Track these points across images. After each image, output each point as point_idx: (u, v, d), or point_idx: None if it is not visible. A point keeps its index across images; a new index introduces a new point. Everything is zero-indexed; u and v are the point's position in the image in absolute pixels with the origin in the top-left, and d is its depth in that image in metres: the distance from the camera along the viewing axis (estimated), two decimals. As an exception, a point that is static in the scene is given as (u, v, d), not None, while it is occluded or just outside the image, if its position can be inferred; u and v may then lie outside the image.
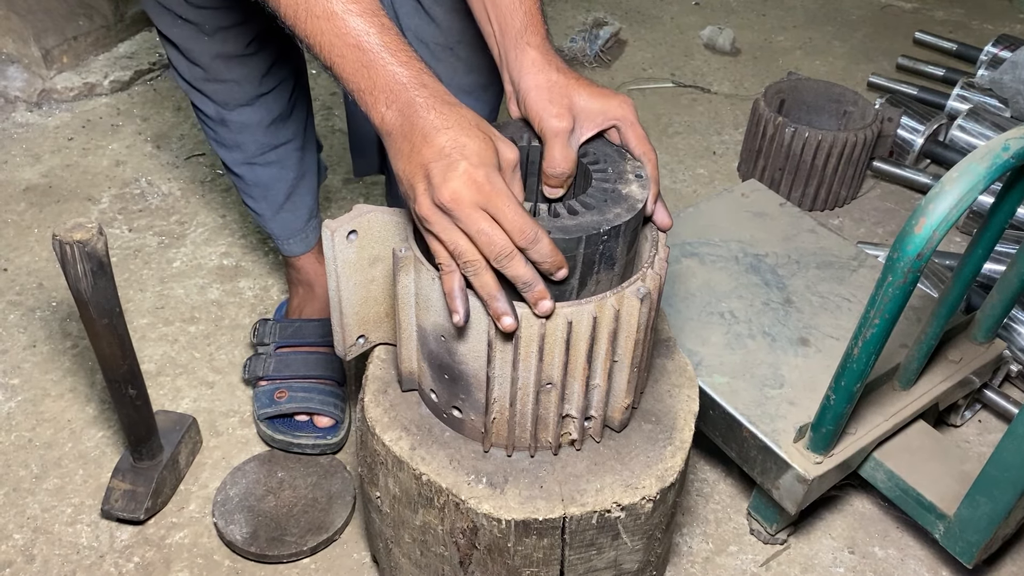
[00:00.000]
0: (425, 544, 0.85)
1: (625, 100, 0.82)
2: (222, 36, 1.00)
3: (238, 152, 1.14)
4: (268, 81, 1.08)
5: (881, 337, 0.87)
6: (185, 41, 1.01)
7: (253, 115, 1.10)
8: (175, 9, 0.98)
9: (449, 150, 0.69)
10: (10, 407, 1.24)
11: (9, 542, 1.08)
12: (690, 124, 1.91)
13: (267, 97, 1.09)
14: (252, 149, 1.13)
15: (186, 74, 1.06)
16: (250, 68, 1.05)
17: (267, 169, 1.16)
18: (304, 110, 1.17)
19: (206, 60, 1.03)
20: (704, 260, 1.26)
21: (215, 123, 1.11)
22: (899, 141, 1.74)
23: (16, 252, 1.49)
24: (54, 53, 1.85)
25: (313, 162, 1.22)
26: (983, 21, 2.38)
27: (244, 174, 1.16)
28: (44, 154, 1.71)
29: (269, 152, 1.14)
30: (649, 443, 0.84)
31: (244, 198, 1.21)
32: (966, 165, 0.80)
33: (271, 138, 1.13)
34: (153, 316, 1.38)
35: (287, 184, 1.18)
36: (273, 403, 1.17)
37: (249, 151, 1.14)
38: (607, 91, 0.82)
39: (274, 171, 1.16)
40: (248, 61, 1.04)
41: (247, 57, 1.04)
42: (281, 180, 1.18)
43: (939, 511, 1.02)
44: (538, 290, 0.71)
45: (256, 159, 1.14)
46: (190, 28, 1.00)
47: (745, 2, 2.43)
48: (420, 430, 0.84)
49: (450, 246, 0.70)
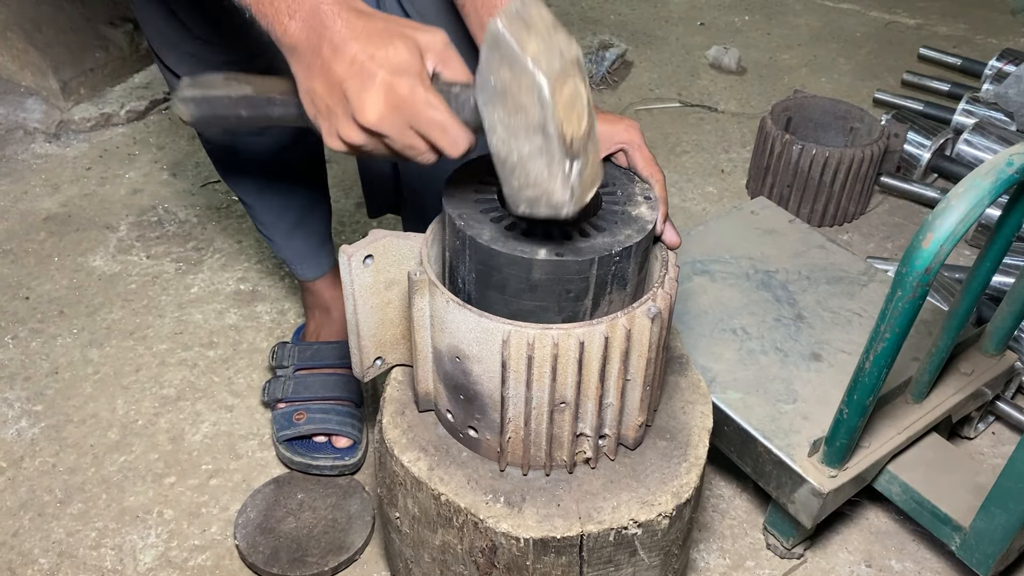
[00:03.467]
0: (445, 563, 0.86)
1: (631, 124, 0.84)
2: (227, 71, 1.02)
3: (248, 180, 1.16)
4: None
5: (892, 351, 0.88)
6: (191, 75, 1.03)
7: (260, 143, 1.12)
8: (181, 46, 1.01)
9: (362, 60, 0.64)
10: (34, 433, 1.26)
11: (35, 566, 1.09)
12: (698, 143, 1.93)
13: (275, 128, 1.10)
14: (261, 177, 1.15)
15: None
16: None
17: (277, 196, 1.18)
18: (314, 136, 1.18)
19: None
20: (715, 277, 1.28)
21: (225, 153, 1.13)
22: (906, 156, 1.75)
23: (37, 280, 1.52)
24: (71, 85, 1.89)
25: (323, 189, 1.23)
26: (987, 36, 2.40)
27: (254, 202, 1.18)
28: (63, 184, 1.74)
29: (277, 180, 1.16)
30: (664, 460, 0.85)
31: (258, 225, 1.23)
32: (971, 180, 0.81)
33: (279, 166, 1.15)
34: (172, 341, 1.41)
35: (296, 210, 1.20)
36: (292, 425, 1.19)
37: (258, 179, 1.15)
38: (613, 116, 0.84)
39: (283, 198, 1.18)
40: None
41: None
42: (290, 207, 1.19)
43: (955, 523, 1.02)
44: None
45: (265, 187, 1.16)
46: (195, 62, 1.02)
47: (750, 22, 2.46)
48: (438, 451, 0.85)
49: (391, 155, 0.69)
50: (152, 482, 1.19)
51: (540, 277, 0.74)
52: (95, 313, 1.46)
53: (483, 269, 0.76)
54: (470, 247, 0.75)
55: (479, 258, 0.75)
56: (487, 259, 0.75)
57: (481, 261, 0.75)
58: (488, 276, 0.76)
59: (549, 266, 0.73)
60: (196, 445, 1.24)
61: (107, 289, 1.50)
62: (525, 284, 0.74)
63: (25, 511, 1.16)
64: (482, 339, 0.76)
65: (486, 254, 0.74)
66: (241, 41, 0.99)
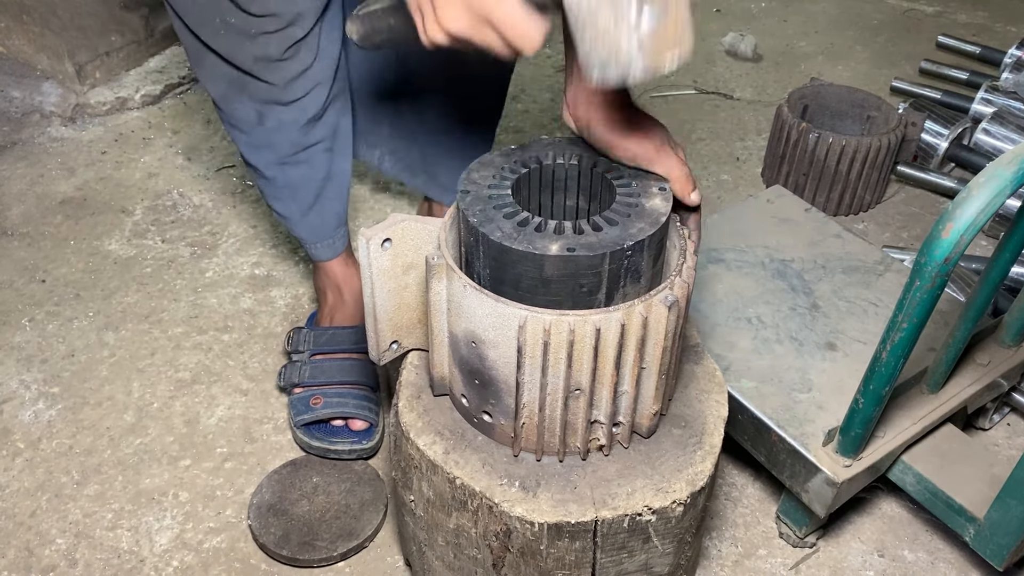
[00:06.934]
0: (458, 547, 0.86)
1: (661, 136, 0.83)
2: (264, 40, 1.05)
3: (270, 152, 1.17)
4: (304, 84, 1.11)
5: (909, 341, 0.88)
6: (229, 47, 1.06)
7: (288, 114, 1.14)
8: (224, 16, 1.03)
9: None
10: (50, 415, 1.27)
11: (52, 546, 1.10)
12: (713, 130, 1.92)
13: (303, 100, 1.13)
14: (285, 149, 1.17)
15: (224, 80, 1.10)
16: (285, 71, 1.09)
17: (297, 169, 1.19)
18: (337, 113, 1.19)
19: (248, 63, 1.07)
20: (731, 266, 1.27)
21: (251, 125, 1.15)
22: (923, 145, 1.74)
23: (54, 264, 1.53)
24: (87, 69, 1.89)
25: (343, 166, 1.24)
26: (1007, 24, 2.37)
27: (275, 175, 1.20)
28: (79, 168, 1.75)
29: (300, 152, 1.18)
30: (679, 448, 0.85)
31: (272, 203, 1.24)
32: (993, 170, 0.80)
33: (303, 138, 1.17)
34: (187, 325, 1.41)
35: (315, 185, 1.21)
36: (309, 409, 1.19)
37: (282, 151, 1.17)
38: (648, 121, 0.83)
39: (303, 171, 1.19)
40: (285, 65, 1.08)
41: (284, 62, 1.08)
42: (310, 181, 1.21)
43: (969, 514, 1.02)
44: None
45: (287, 159, 1.18)
46: (235, 35, 1.04)
47: (766, 8, 2.44)
48: (453, 435, 0.85)
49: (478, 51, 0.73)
50: (167, 464, 1.20)
51: (552, 272, 0.74)
52: (111, 296, 1.46)
53: (496, 265, 0.76)
54: (483, 243, 0.75)
55: (492, 254, 0.75)
56: (500, 255, 0.75)
57: (494, 257, 0.75)
58: (502, 272, 0.76)
59: (561, 261, 0.73)
60: (211, 428, 1.25)
61: (122, 273, 1.51)
62: (538, 280, 0.74)
63: (42, 492, 1.17)
64: (498, 324, 0.76)
65: (498, 250, 0.74)
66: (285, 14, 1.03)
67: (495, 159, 0.84)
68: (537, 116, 1.94)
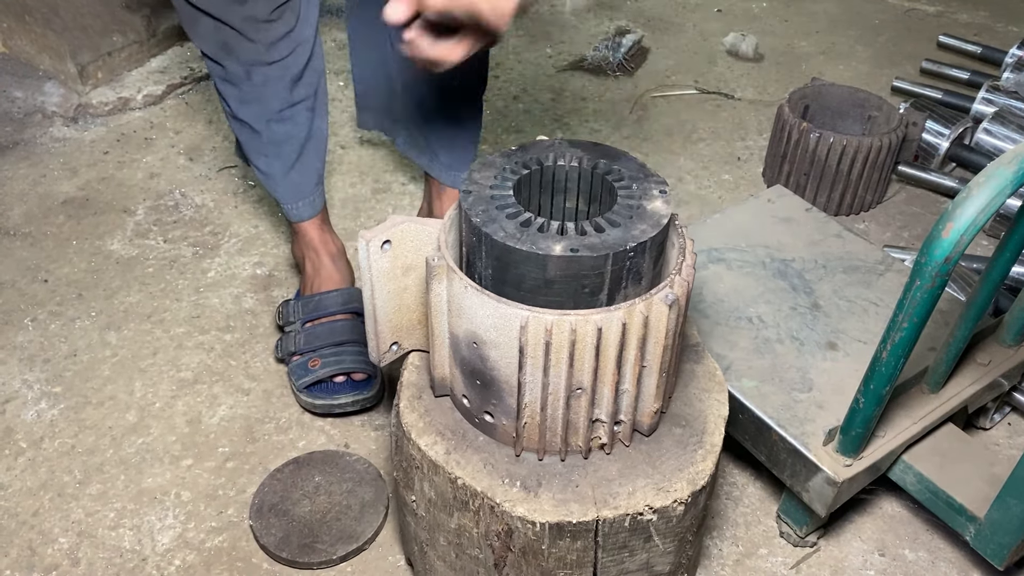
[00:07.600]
0: (460, 547, 0.87)
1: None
2: (253, 2, 1.14)
3: (260, 106, 1.24)
4: (287, 44, 1.20)
5: (910, 341, 0.88)
6: (220, 9, 1.14)
7: (274, 71, 1.22)
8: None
9: None
10: (53, 415, 1.27)
11: (55, 545, 1.11)
12: (714, 130, 1.92)
13: (287, 59, 1.21)
14: (274, 105, 1.24)
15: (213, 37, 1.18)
16: (272, 32, 1.18)
17: (282, 126, 1.27)
18: (317, 74, 1.28)
19: (238, 22, 1.16)
20: (731, 266, 1.27)
21: (240, 80, 1.22)
22: (924, 145, 1.74)
23: (56, 264, 1.53)
24: (89, 69, 1.90)
25: (322, 126, 1.32)
26: (1008, 23, 2.37)
27: (263, 130, 1.26)
28: (81, 168, 1.75)
29: (286, 109, 1.25)
30: (680, 447, 0.85)
31: (257, 160, 1.30)
32: (994, 170, 0.81)
33: (290, 95, 1.24)
34: (189, 325, 1.42)
35: (298, 143, 1.29)
36: (309, 372, 1.25)
37: (271, 107, 1.24)
38: None
39: (288, 128, 1.27)
40: (271, 26, 1.18)
41: (271, 23, 1.17)
42: (293, 138, 1.28)
43: (969, 513, 1.02)
44: None
45: (274, 116, 1.25)
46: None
47: (767, 8, 2.44)
48: (455, 435, 0.85)
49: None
50: (169, 464, 1.21)
51: (555, 273, 0.74)
52: (113, 296, 1.47)
53: (499, 265, 0.76)
54: (486, 243, 0.76)
55: (495, 254, 0.76)
56: (502, 255, 0.75)
57: (496, 257, 0.76)
58: (504, 272, 0.76)
59: (564, 262, 0.73)
60: (213, 428, 1.26)
61: (125, 273, 1.52)
62: (541, 280, 0.75)
63: (45, 491, 1.17)
64: (500, 325, 0.76)
65: (501, 250, 0.75)
66: None
67: (496, 160, 0.84)
68: (538, 116, 1.94)
